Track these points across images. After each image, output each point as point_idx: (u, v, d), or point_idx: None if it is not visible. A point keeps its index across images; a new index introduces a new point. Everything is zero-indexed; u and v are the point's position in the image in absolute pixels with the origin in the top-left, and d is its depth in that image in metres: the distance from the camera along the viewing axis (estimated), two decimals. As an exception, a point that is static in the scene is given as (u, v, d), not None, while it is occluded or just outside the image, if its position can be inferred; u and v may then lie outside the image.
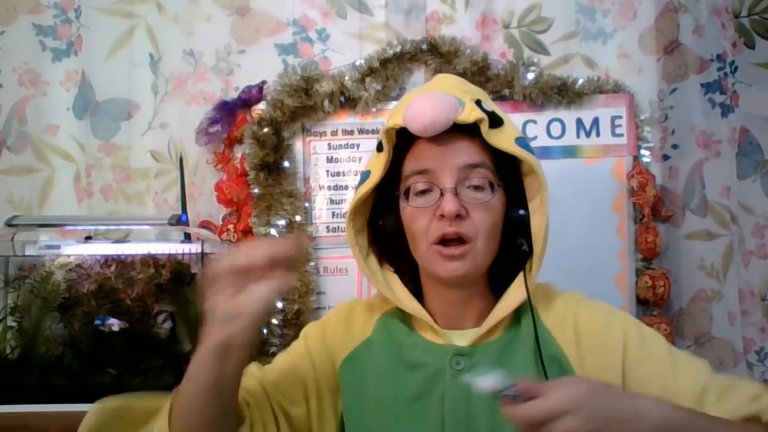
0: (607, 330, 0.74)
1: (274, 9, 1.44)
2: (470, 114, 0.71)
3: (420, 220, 0.74)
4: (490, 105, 0.77)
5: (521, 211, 0.76)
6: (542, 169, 0.74)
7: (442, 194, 0.72)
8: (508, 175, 0.76)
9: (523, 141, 0.76)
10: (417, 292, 0.80)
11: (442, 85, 0.79)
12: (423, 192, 0.74)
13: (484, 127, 0.72)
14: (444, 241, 0.72)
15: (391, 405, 0.75)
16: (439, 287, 0.78)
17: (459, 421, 0.71)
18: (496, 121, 0.74)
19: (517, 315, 0.77)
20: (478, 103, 0.74)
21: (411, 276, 0.81)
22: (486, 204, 0.73)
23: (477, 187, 0.73)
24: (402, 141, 0.76)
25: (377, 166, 0.78)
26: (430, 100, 0.71)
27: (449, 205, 0.70)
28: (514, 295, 0.75)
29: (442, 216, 0.71)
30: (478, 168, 0.73)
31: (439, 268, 0.73)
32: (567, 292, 0.81)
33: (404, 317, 0.80)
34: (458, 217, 0.71)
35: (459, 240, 0.72)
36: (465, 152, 0.73)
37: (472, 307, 0.77)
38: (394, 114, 0.77)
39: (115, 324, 1.17)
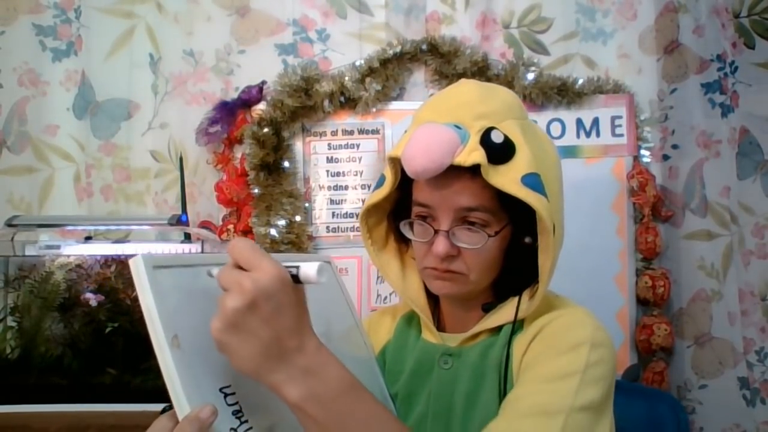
0: (552, 341, 0.70)
1: (274, 9, 1.44)
2: (468, 156, 0.66)
3: (418, 246, 0.76)
4: (510, 129, 0.70)
5: (527, 239, 0.73)
6: (549, 212, 0.68)
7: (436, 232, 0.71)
8: (520, 205, 0.68)
9: (532, 178, 0.68)
10: None
11: (455, 103, 0.72)
12: (425, 218, 0.73)
13: (485, 169, 0.67)
14: None
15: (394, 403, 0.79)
16: None
17: (440, 414, 0.75)
18: (504, 155, 0.68)
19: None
20: (488, 132, 0.68)
21: None
22: (480, 247, 0.71)
23: (473, 227, 0.70)
24: None
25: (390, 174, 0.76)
26: (426, 139, 0.67)
27: (439, 247, 0.70)
28: (505, 313, 0.75)
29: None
30: (475, 211, 0.70)
31: (431, 285, 0.76)
32: (569, 310, 0.75)
33: (419, 317, 0.83)
34: (450, 256, 0.71)
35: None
36: (463, 194, 0.69)
37: (474, 311, 0.78)
38: (401, 141, 0.72)
39: (92, 299, 1.19)
